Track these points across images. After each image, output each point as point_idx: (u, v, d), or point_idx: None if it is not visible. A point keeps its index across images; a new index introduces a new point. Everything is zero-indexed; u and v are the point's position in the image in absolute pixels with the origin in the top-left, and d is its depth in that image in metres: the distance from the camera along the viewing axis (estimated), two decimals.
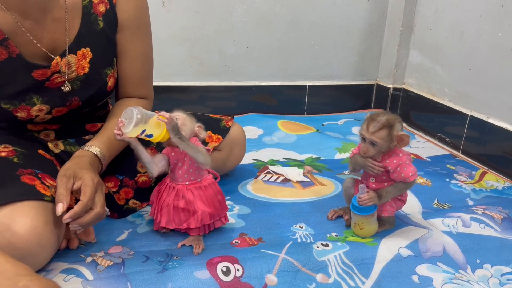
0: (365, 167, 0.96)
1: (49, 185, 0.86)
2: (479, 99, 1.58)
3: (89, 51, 0.94)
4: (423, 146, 1.72)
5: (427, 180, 1.34)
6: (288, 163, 1.47)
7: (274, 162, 1.47)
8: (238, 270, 0.86)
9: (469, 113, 1.62)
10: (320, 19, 1.94)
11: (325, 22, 1.96)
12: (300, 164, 1.46)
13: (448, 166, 1.50)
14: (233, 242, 0.98)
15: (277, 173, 1.37)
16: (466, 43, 1.63)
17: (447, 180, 1.36)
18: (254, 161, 1.48)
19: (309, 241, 0.99)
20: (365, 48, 2.06)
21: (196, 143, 0.93)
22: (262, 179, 1.33)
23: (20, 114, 0.90)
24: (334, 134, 1.78)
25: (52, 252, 0.84)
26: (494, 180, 1.38)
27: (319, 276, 0.86)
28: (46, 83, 0.91)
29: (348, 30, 2.00)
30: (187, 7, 1.79)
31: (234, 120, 1.24)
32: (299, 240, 0.99)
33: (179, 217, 0.96)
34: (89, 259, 0.89)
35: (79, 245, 0.93)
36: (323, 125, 1.91)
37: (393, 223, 1.04)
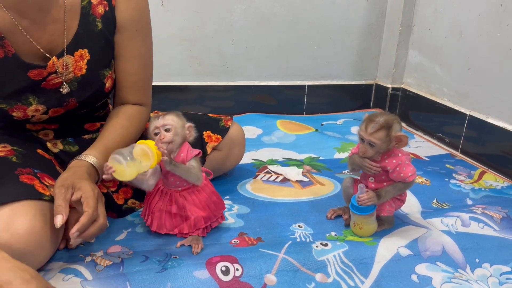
0: (363, 167, 0.96)
1: (48, 184, 0.86)
2: (478, 98, 1.59)
3: (86, 52, 0.94)
4: (422, 145, 1.72)
5: (426, 180, 1.34)
6: (287, 162, 1.47)
7: (273, 162, 1.47)
8: (237, 269, 0.85)
9: (468, 112, 1.62)
10: (319, 19, 1.94)
11: (324, 22, 1.96)
12: (299, 163, 1.46)
13: (447, 165, 1.50)
14: (232, 241, 0.98)
15: (276, 173, 1.37)
16: (465, 43, 1.63)
17: (446, 179, 1.36)
18: (253, 160, 1.48)
19: (308, 240, 0.99)
20: (364, 48, 2.06)
21: (187, 153, 0.93)
22: (261, 178, 1.33)
23: (16, 114, 0.90)
24: (333, 134, 1.78)
25: (52, 251, 0.84)
26: (493, 180, 1.38)
27: (318, 276, 0.86)
28: (43, 83, 0.90)
29: (347, 30, 2.00)
30: (186, 7, 1.79)
31: (233, 120, 1.24)
32: (298, 239, 0.99)
33: (171, 222, 0.96)
34: (88, 258, 0.89)
35: (78, 244, 0.93)
36: (322, 124, 1.91)
37: (392, 222, 1.04)
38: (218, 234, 1.01)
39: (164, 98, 1.86)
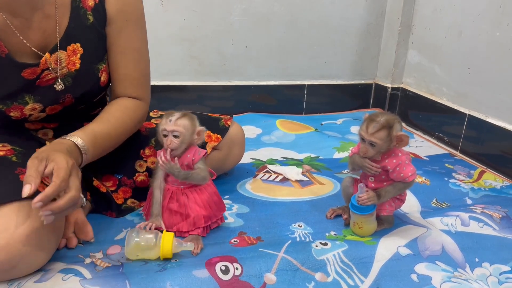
0: (363, 167, 0.96)
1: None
2: (477, 98, 1.59)
3: (79, 46, 0.93)
4: (422, 145, 1.72)
5: (425, 179, 1.34)
6: (287, 162, 1.47)
7: (273, 161, 1.47)
8: (237, 269, 0.85)
9: (467, 112, 1.62)
10: (319, 18, 1.94)
11: (324, 21, 1.96)
12: (299, 163, 1.46)
13: (447, 165, 1.50)
14: (232, 241, 0.98)
15: (276, 172, 1.37)
16: (464, 43, 1.63)
17: (446, 179, 1.36)
18: (253, 160, 1.48)
19: (308, 240, 0.99)
20: (363, 47, 2.06)
21: (195, 154, 0.93)
22: (261, 178, 1.33)
23: (13, 114, 0.90)
24: (333, 133, 1.78)
25: (51, 252, 0.84)
26: (492, 179, 1.38)
27: (318, 275, 0.86)
28: (37, 81, 0.90)
29: (346, 29, 2.00)
30: (185, 7, 1.79)
31: (233, 120, 1.24)
32: (298, 239, 0.99)
33: (171, 219, 0.96)
34: (87, 260, 0.88)
35: (78, 244, 0.93)
36: (321, 124, 1.91)
37: (392, 222, 1.04)
38: (217, 233, 1.01)
39: (163, 98, 1.86)
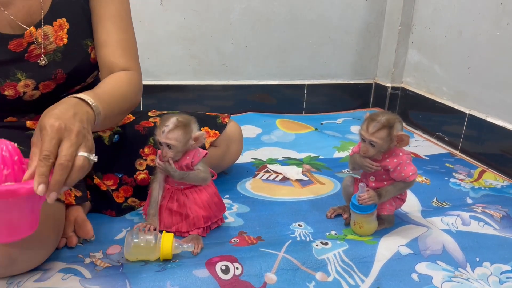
0: (364, 167, 0.96)
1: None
2: (477, 97, 1.58)
3: (65, 21, 0.94)
4: (422, 145, 1.72)
5: (426, 179, 1.34)
6: (287, 161, 1.47)
7: (273, 161, 1.47)
8: (237, 268, 0.85)
9: (467, 111, 1.62)
10: (318, 18, 1.94)
11: (323, 21, 1.95)
12: (299, 162, 1.46)
13: (447, 164, 1.50)
14: (232, 240, 0.97)
15: (276, 172, 1.37)
16: (464, 42, 1.63)
17: (446, 178, 1.36)
18: (252, 159, 1.47)
19: (308, 239, 0.99)
20: (363, 47, 2.06)
21: (195, 156, 0.93)
22: (261, 177, 1.33)
23: (8, 93, 0.90)
24: (333, 133, 1.78)
25: (51, 248, 0.84)
26: (492, 179, 1.38)
27: (318, 275, 0.86)
28: (25, 55, 0.90)
29: (346, 29, 2.00)
30: (185, 6, 1.79)
31: (231, 118, 1.24)
32: (298, 238, 0.99)
33: (170, 219, 0.95)
34: (87, 260, 0.88)
35: (77, 243, 0.93)
36: (321, 124, 1.91)
37: (392, 221, 1.04)
38: (218, 233, 1.00)
39: (163, 98, 1.86)
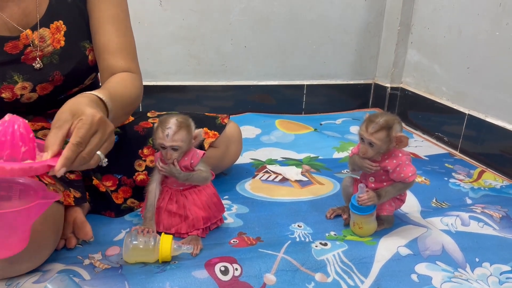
0: (363, 168, 0.96)
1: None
2: (477, 97, 1.58)
3: (62, 23, 0.94)
4: (421, 145, 1.72)
5: (425, 179, 1.34)
6: (286, 162, 1.47)
7: (272, 162, 1.47)
8: (236, 269, 0.85)
9: (467, 112, 1.62)
10: (318, 17, 1.94)
11: (323, 20, 1.95)
12: (298, 163, 1.46)
13: (446, 165, 1.50)
14: (232, 241, 0.97)
15: (275, 172, 1.37)
16: (464, 42, 1.63)
17: (446, 179, 1.36)
18: (252, 160, 1.47)
19: (307, 240, 0.98)
20: (362, 47, 2.06)
21: (194, 157, 0.93)
22: (260, 178, 1.33)
23: (5, 95, 0.90)
24: (332, 133, 1.78)
25: (51, 250, 0.84)
26: (492, 179, 1.38)
27: (318, 275, 0.86)
28: (22, 57, 0.90)
29: (345, 29, 2.00)
30: (184, 6, 1.78)
31: (231, 119, 1.24)
32: (297, 239, 0.99)
33: (169, 220, 0.95)
34: (86, 261, 0.88)
35: (76, 244, 0.92)
36: (321, 124, 1.91)
37: (392, 222, 1.04)
38: (217, 234, 1.00)
39: (162, 98, 1.85)
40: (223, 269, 0.85)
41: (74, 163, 0.66)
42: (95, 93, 0.79)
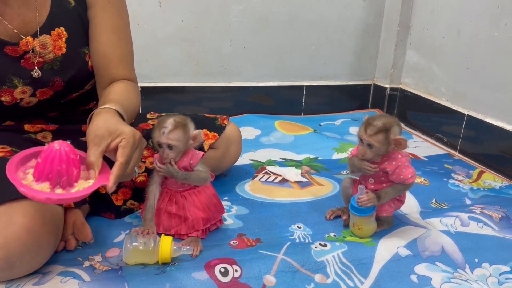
0: (362, 169, 0.96)
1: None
2: (476, 98, 1.59)
3: (63, 30, 0.94)
4: (421, 145, 1.72)
5: (425, 180, 1.34)
6: (285, 163, 1.47)
7: (272, 163, 1.47)
8: (236, 271, 0.85)
9: (466, 112, 1.62)
10: (317, 18, 1.94)
11: (322, 21, 1.95)
12: (297, 164, 1.46)
13: (446, 165, 1.50)
14: (231, 243, 0.97)
15: (274, 174, 1.37)
16: (463, 43, 1.63)
17: (445, 179, 1.36)
18: (251, 161, 1.47)
19: (307, 241, 0.99)
20: (361, 48, 2.06)
21: (193, 158, 0.93)
22: (259, 179, 1.33)
23: (4, 99, 0.90)
24: (332, 134, 1.78)
25: (50, 252, 0.84)
26: (491, 179, 1.38)
27: (317, 277, 0.86)
28: (22, 61, 0.90)
29: (344, 29, 2.00)
30: (183, 7, 1.79)
31: (230, 120, 1.24)
32: (297, 240, 0.99)
33: (169, 222, 0.95)
34: (86, 263, 0.88)
35: (76, 246, 0.92)
36: (320, 125, 1.91)
37: (391, 223, 1.04)
38: (217, 235, 1.00)
39: (161, 99, 1.85)
40: (222, 270, 0.85)
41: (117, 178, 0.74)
42: (113, 107, 0.83)
